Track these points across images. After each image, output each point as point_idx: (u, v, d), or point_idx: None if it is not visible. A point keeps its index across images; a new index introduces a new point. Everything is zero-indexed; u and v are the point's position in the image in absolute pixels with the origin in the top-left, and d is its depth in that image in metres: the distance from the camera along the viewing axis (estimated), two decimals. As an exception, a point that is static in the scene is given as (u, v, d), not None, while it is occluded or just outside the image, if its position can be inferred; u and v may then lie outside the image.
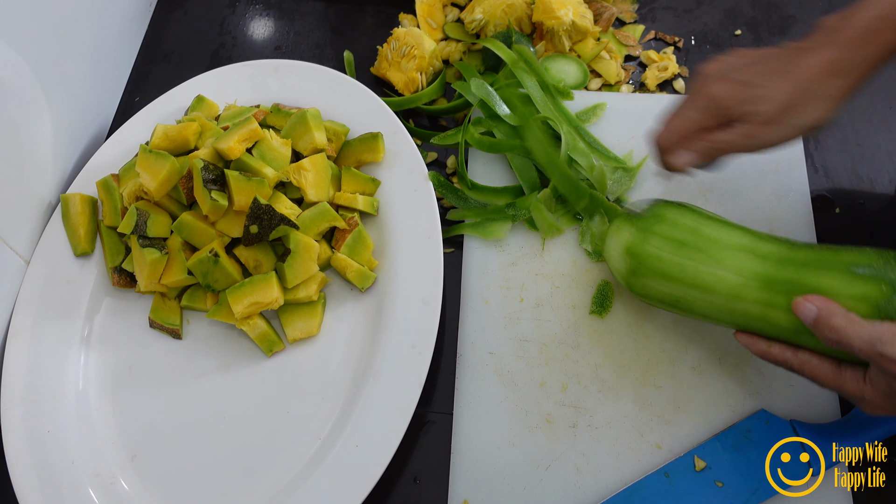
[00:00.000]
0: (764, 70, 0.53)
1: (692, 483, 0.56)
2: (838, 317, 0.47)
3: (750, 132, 0.53)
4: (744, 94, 0.53)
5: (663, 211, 0.58)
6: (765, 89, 0.52)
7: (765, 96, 0.52)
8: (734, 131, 0.54)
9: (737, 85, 0.54)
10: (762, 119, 0.53)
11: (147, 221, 0.63)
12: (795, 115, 0.52)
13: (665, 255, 0.55)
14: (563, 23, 0.76)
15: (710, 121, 0.55)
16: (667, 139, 0.58)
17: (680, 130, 0.57)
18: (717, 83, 0.55)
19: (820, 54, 0.51)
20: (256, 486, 0.59)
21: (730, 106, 0.54)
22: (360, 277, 0.64)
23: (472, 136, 0.70)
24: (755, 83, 0.53)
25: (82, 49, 0.76)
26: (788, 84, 0.52)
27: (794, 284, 0.50)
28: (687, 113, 0.57)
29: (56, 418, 0.62)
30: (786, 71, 0.52)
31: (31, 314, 0.66)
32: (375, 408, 0.59)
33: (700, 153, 0.56)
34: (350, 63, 0.82)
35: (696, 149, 0.56)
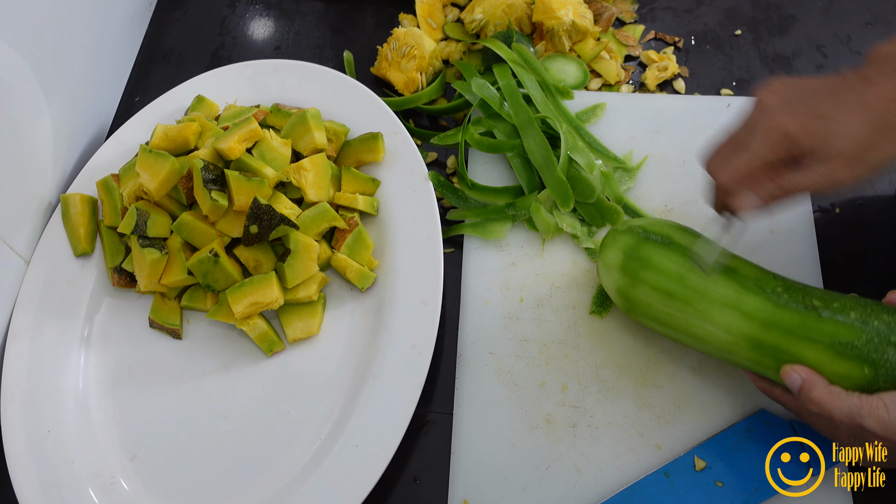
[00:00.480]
0: (833, 101, 0.49)
1: (692, 483, 0.56)
2: (820, 390, 0.48)
3: (827, 174, 0.48)
4: (819, 128, 0.48)
5: (649, 252, 0.56)
6: (842, 124, 0.47)
7: (842, 132, 0.47)
8: (809, 173, 0.49)
9: (809, 118, 0.48)
10: (839, 156, 0.48)
11: (147, 221, 0.63)
12: (874, 152, 0.48)
13: (655, 305, 0.56)
14: (563, 23, 0.76)
15: (779, 156, 0.50)
16: (731, 179, 0.51)
17: (745, 167, 0.51)
18: (785, 115, 0.49)
19: (889, 84, 0.47)
20: (256, 486, 0.59)
21: (804, 142, 0.48)
22: (360, 277, 0.64)
23: (472, 137, 0.70)
24: (829, 116, 0.48)
25: (82, 49, 0.76)
26: (865, 117, 0.47)
27: (780, 351, 0.51)
28: (754, 148, 0.50)
29: (56, 418, 0.62)
30: (860, 101, 0.48)
31: (31, 314, 0.66)
32: (375, 408, 0.59)
33: (769, 197, 0.51)
34: (350, 63, 0.82)
35: (765, 192, 0.50)
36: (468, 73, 0.75)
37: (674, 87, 0.77)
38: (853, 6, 0.81)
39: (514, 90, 0.71)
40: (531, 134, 0.69)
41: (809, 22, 0.80)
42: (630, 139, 0.72)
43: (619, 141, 0.72)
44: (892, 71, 0.48)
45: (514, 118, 0.70)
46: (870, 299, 0.51)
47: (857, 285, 0.65)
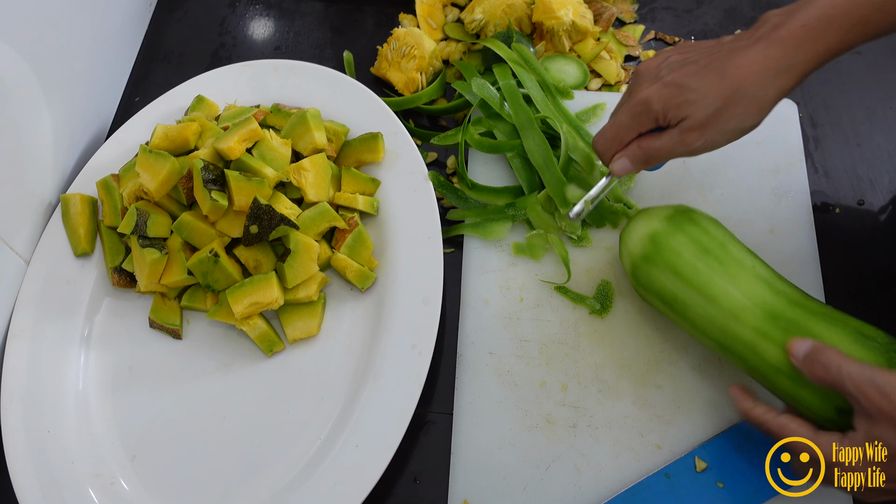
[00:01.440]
0: (697, 70, 0.52)
1: (693, 484, 0.56)
2: (832, 353, 0.47)
3: (680, 139, 0.53)
4: (675, 98, 0.52)
5: (699, 217, 0.58)
6: (695, 93, 0.51)
7: (695, 101, 0.51)
8: (665, 138, 0.54)
9: (668, 88, 0.52)
10: (691, 123, 0.52)
11: (147, 221, 0.63)
12: (727, 119, 0.51)
13: (685, 254, 0.55)
14: (563, 23, 0.76)
15: (644, 125, 0.55)
16: (602, 144, 0.58)
17: (614, 136, 0.57)
18: (648, 86, 0.53)
19: (757, 52, 0.50)
20: (256, 486, 0.59)
21: (660, 110, 0.53)
22: (360, 277, 0.64)
23: (471, 137, 0.70)
24: (686, 86, 0.51)
25: (82, 49, 0.76)
26: (721, 86, 0.50)
27: (797, 326, 0.51)
28: (620, 118, 0.56)
29: (56, 418, 0.62)
30: (720, 71, 0.50)
31: (31, 314, 0.66)
32: (375, 408, 0.59)
33: (637, 161, 0.56)
34: (350, 63, 0.82)
35: (633, 156, 0.56)
36: (468, 73, 0.75)
37: (674, 87, 0.77)
38: (853, 6, 0.81)
39: (514, 90, 0.71)
40: (531, 134, 0.69)
41: (809, 22, 0.80)
42: (630, 139, 0.72)
43: (619, 141, 0.72)
44: (767, 38, 0.50)
45: (514, 118, 0.70)
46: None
47: (857, 285, 0.65)
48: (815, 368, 0.47)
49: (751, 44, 0.50)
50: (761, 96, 0.50)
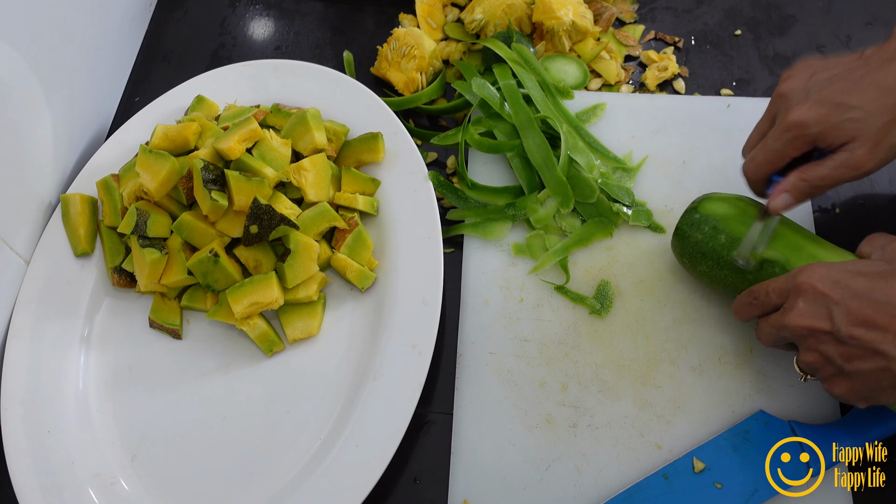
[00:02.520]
0: (851, 86, 0.49)
1: (691, 485, 0.56)
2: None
3: (849, 162, 0.49)
4: (835, 117, 0.48)
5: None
6: (858, 110, 0.48)
7: (860, 118, 0.48)
8: (831, 164, 0.50)
9: (825, 107, 0.49)
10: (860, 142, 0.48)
11: (147, 221, 0.63)
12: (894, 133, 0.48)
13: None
14: (563, 23, 0.76)
15: (798, 150, 0.51)
16: (753, 171, 0.54)
17: (767, 163, 0.53)
18: (802, 107, 0.50)
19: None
20: (256, 486, 0.59)
21: (819, 132, 0.49)
22: (360, 277, 0.64)
23: (471, 137, 0.70)
24: (847, 103, 0.48)
25: (82, 49, 0.76)
26: (883, 100, 0.48)
27: None
28: (773, 144, 0.52)
29: (56, 418, 0.62)
30: (879, 84, 0.48)
31: (31, 314, 0.66)
32: (375, 408, 0.59)
33: (800, 195, 0.53)
34: (350, 63, 0.82)
35: (796, 191, 0.52)
36: (468, 73, 0.75)
37: (674, 87, 0.77)
38: (853, 6, 0.81)
39: (514, 90, 0.71)
40: (531, 134, 0.69)
41: (809, 22, 0.80)
42: (630, 139, 0.72)
43: (619, 141, 0.72)
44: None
45: (514, 118, 0.70)
46: None
47: (857, 285, 0.65)
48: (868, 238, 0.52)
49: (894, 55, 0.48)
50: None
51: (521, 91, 0.72)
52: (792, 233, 0.56)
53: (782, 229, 0.56)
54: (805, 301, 0.47)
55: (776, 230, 0.56)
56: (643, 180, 0.70)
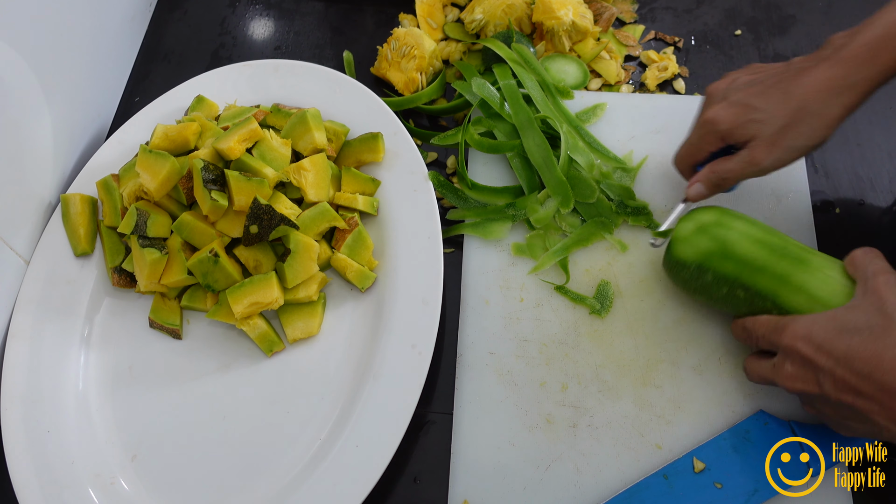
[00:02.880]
0: (762, 90, 0.53)
1: (691, 484, 0.56)
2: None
3: (749, 159, 0.54)
4: (741, 116, 0.54)
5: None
6: (761, 112, 0.53)
7: (762, 119, 0.53)
8: (735, 159, 0.55)
9: (735, 107, 0.54)
10: (759, 140, 0.53)
11: (147, 221, 0.63)
12: (794, 136, 0.52)
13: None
14: (563, 23, 0.76)
15: (712, 144, 0.57)
16: (677, 163, 0.61)
17: (686, 154, 0.60)
18: (716, 107, 0.55)
19: (821, 72, 0.52)
20: (256, 486, 0.59)
21: (728, 129, 0.55)
22: (360, 277, 0.64)
23: (471, 137, 0.70)
24: (752, 105, 0.53)
25: (82, 49, 0.76)
26: (786, 105, 0.52)
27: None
28: (691, 139, 0.59)
29: (56, 418, 0.62)
30: (785, 91, 0.52)
31: (31, 314, 0.66)
32: (375, 408, 0.59)
33: (711, 185, 0.58)
34: (350, 63, 0.82)
35: (707, 181, 0.58)
36: (468, 73, 0.75)
37: (674, 87, 0.77)
38: (853, 6, 0.81)
39: (514, 90, 0.71)
40: (531, 134, 0.69)
41: (809, 22, 0.80)
42: (630, 139, 0.72)
43: (619, 141, 0.72)
44: (829, 59, 0.52)
45: (514, 118, 0.70)
46: None
47: (857, 285, 0.65)
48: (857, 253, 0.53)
49: (815, 64, 0.53)
50: (825, 113, 0.52)
51: (521, 91, 0.72)
52: (779, 257, 0.54)
53: (773, 242, 0.56)
54: (793, 365, 0.50)
55: (774, 243, 0.56)
56: (643, 180, 0.70)
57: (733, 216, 0.58)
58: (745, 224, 0.57)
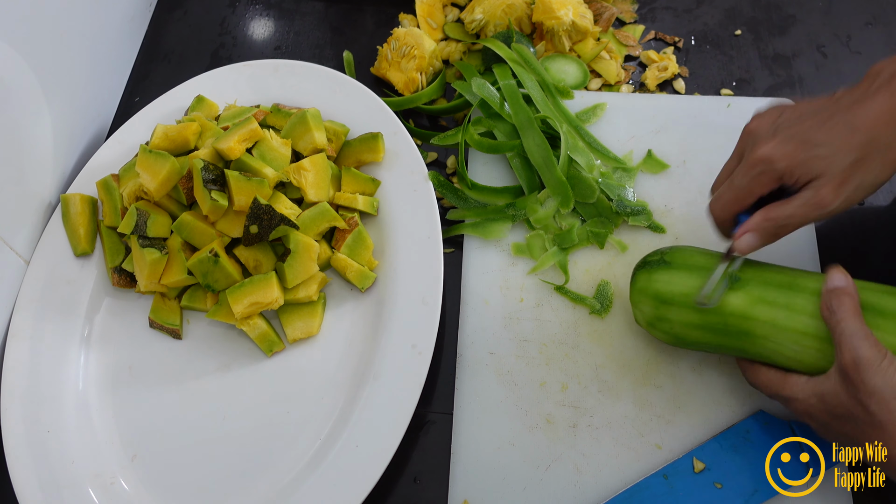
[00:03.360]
0: (820, 123, 0.48)
1: (691, 485, 0.56)
2: (852, 299, 0.48)
3: (814, 201, 0.48)
4: (802, 154, 0.48)
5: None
6: (825, 147, 0.47)
7: (826, 155, 0.47)
8: (796, 203, 0.49)
9: (793, 144, 0.48)
10: (825, 180, 0.47)
11: (147, 221, 0.63)
12: (864, 172, 0.47)
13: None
14: (563, 23, 0.76)
15: (765, 186, 0.50)
16: (720, 210, 0.53)
17: (734, 199, 0.52)
18: (769, 144, 0.49)
19: (884, 101, 0.47)
20: (256, 486, 0.59)
21: (786, 168, 0.48)
22: (360, 277, 0.64)
23: (471, 137, 0.70)
24: (813, 140, 0.47)
25: (82, 49, 0.76)
26: (853, 138, 0.47)
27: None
28: (739, 181, 0.51)
29: (56, 418, 0.62)
30: (848, 123, 0.47)
31: (31, 314, 0.66)
32: (375, 408, 0.59)
33: (766, 235, 0.51)
34: (350, 63, 0.82)
35: (761, 231, 0.51)
36: (468, 73, 0.75)
37: (674, 87, 0.77)
38: (853, 6, 0.81)
39: (514, 90, 0.71)
40: (531, 134, 0.69)
41: (809, 22, 0.80)
42: (630, 139, 0.72)
43: (619, 141, 0.72)
44: (880, 87, 0.47)
45: (514, 118, 0.70)
46: None
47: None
48: (824, 305, 0.49)
49: (871, 95, 0.48)
50: (895, 145, 0.47)
51: (521, 91, 0.72)
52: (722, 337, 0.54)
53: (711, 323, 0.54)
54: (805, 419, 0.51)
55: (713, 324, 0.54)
56: (643, 180, 0.70)
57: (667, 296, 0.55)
58: (682, 310, 0.54)
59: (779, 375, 0.52)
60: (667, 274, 0.56)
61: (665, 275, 0.56)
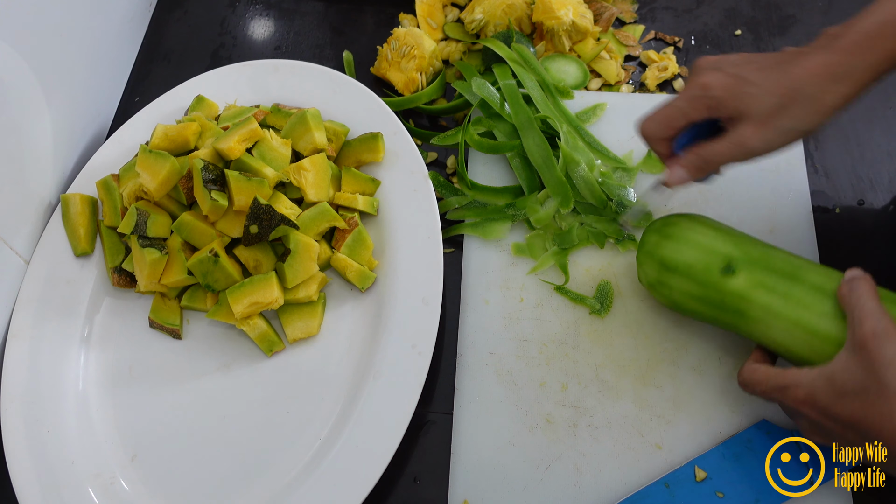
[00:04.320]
0: (759, 67, 0.52)
1: (692, 493, 0.55)
2: (865, 286, 0.49)
3: (739, 140, 0.52)
4: (736, 87, 0.52)
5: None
6: (756, 87, 0.51)
7: (756, 93, 0.51)
8: (724, 142, 0.53)
9: (730, 77, 0.52)
10: (750, 118, 0.51)
11: (147, 221, 0.63)
12: (787, 117, 0.51)
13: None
14: (563, 23, 0.76)
15: (698, 111, 0.53)
16: (650, 127, 0.56)
17: (665, 118, 0.55)
18: (710, 73, 0.53)
19: (818, 58, 0.50)
20: (256, 486, 0.59)
21: (720, 97, 0.52)
22: (360, 277, 0.64)
23: (471, 137, 0.70)
24: (748, 79, 0.51)
25: (82, 49, 0.76)
26: (781, 83, 0.50)
27: None
28: (676, 102, 0.55)
29: (56, 418, 0.62)
30: (781, 70, 0.51)
31: (31, 314, 0.66)
32: (375, 408, 0.59)
33: (692, 168, 0.55)
34: (350, 63, 0.82)
35: (689, 165, 0.55)
36: (468, 73, 0.75)
37: (674, 87, 0.77)
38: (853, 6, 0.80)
39: (514, 90, 0.71)
40: (531, 134, 0.69)
41: (809, 22, 0.80)
42: (630, 139, 0.72)
43: (619, 141, 0.72)
44: (826, 47, 0.51)
45: (514, 118, 0.70)
46: None
47: (857, 285, 0.65)
48: (844, 287, 0.50)
49: (812, 51, 0.51)
50: (821, 98, 0.50)
51: (521, 91, 0.72)
52: (719, 311, 0.55)
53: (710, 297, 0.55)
54: (805, 421, 0.51)
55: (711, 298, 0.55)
56: (643, 180, 0.70)
57: (672, 264, 0.56)
58: (683, 279, 0.56)
59: (776, 376, 0.52)
60: (675, 242, 0.57)
61: (673, 242, 0.57)
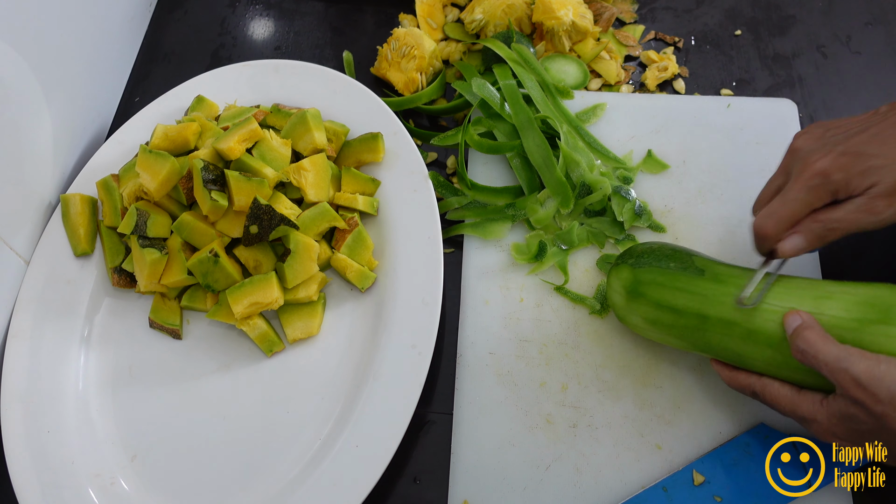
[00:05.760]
0: (871, 137, 0.49)
1: (690, 497, 0.55)
2: (815, 331, 0.47)
3: (868, 207, 0.48)
4: (857, 165, 0.48)
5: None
6: (880, 158, 0.48)
7: (882, 165, 0.48)
8: (850, 207, 0.49)
9: (845, 157, 0.49)
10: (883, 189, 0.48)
11: (147, 221, 0.63)
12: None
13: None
14: (563, 23, 0.76)
15: (820, 200, 0.50)
16: (772, 226, 0.52)
17: (788, 216, 0.51)
18: (820, 157, 0.50)
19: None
20: (256, 486, 0.59)
21: (842, 180, 0.49)
22: (360, 277, 0.64)
23: (471, 137, 0.70)
24: (867, 152, 0.48)
25: (82, 49, 0.76)
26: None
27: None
28: (794, 195, 0.51)
29: (56, 418, 0.62)
30: (894, 134, 0.48)
31: (31, 314, 0.66)
32: (375, 408, 0.59)
33: (813, 238, 0.51)
34: (350, 63, 0.82)
35: (809, 233, 0.51)
36: (468, 73, 0.75)
37: (674, 87, 0.77)
38: (853, 6, 0.81)
39: (514, 90, 0.71)
40: (531, 134, 0.69)
41: (809, 22, 0.80)
42: (630, 139, 0.72)
43: (619, 141, 0.72)
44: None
45: (514, 118, 0.70)
46: None
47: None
48: (798, 343, 0.48)
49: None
50: None
51: (521, 91, 0.72)
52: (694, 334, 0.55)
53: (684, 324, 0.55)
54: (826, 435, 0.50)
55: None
56: (643, 180, 0.70)
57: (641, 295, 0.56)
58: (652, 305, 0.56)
59: (792, 392, 0.50)
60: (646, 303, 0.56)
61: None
